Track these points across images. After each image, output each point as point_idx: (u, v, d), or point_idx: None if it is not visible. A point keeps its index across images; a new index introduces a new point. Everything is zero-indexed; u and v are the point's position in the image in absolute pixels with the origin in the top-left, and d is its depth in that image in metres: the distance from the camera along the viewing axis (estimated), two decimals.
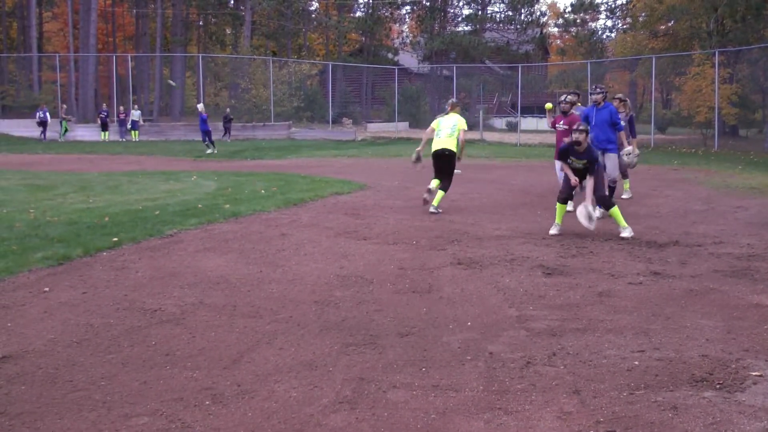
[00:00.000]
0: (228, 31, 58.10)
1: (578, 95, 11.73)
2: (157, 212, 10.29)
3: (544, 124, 12.39)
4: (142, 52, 50.63)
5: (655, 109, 34.34)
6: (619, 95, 12.32)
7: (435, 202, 10.73)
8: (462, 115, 11.75)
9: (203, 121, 26.99)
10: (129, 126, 33.97)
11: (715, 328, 5.17)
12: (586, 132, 8.91)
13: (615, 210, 8.96)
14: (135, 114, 34.38)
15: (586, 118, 10.68)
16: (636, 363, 4.45)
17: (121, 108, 34.83)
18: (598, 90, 10.91)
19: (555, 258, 7.60)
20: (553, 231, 9.03)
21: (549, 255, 7.75)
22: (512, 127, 43.06)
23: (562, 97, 11.21)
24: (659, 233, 9.14)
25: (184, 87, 48.12)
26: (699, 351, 4.67)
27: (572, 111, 11.08)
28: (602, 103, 10.82)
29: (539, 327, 5.20)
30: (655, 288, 6.35)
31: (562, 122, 11.00)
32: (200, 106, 28.26)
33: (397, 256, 7.73)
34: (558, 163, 10.70)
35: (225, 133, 33.08)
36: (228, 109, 34.80)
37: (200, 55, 43.09)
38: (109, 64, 42.61)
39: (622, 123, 11.11)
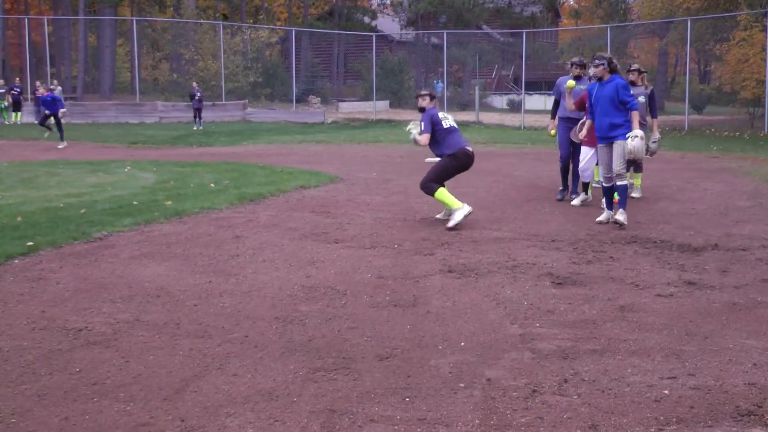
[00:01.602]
0: None
1: (641, 72, 11.74)
2: (82, 211, 10.24)
3: (553, 102, 12.09)
4: (61, 15, 50.25)
5: (691, 84, 34.52)
6: (636, 66, 12.19)
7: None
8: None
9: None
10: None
11: (765, 350, 5.21)
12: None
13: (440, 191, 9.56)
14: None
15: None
16: (666, 392, 4.47)
17: (38, 83, 34.60)
18: (597, 61, 9.94)
19: (567, 264, 7.64)
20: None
21: (559, 261, 7.79)
22: (515, 107, 43.24)
23: (591, 63, 10.28)
24: (694, 235, 9.21)
25: (114, 57, 47.89)
26: (744, 378, 4.70)
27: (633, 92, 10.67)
28: (606, 77, 10.29)
29: (547, 348, 5.23)
30: (690, 301, 6.40)
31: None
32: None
33: (375, 262, 7.74)
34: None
35: (196, 117, 31.76)
36: (195, 84, 33.50)
37: (134, 18, 42.94)
38: (20, 29, 42.35)
39: (640, 99, 11.07)
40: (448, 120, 10.15)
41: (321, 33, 49.81)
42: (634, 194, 12.06)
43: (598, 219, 9.89)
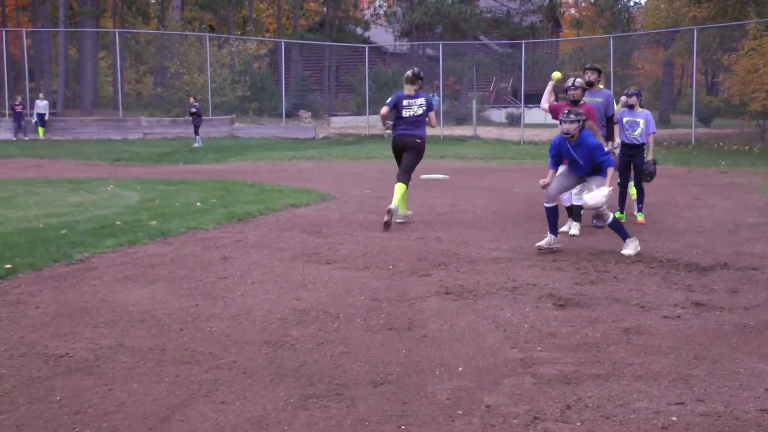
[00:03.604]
0: (152, 0, 58.06)
1: (598, 71, 11.24)
2: (63, 231, 10.23)
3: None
4: (41, 27, 50.35)
5: (697, 96, 34.59)
6: (590, 65, 11.91)
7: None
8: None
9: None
10: (35, 120, 33.72)
11: None
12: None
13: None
14: (41, 105, 34.18)
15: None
16: (674, 419, 4.48)
17: (18, 98, 34.64)
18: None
19: (569, 285, 7.66)
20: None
21: (561, 282, 7.80)
22: (514, 120, 43.34)
23: (570, 82, 10.50)
24: (702, 253, 9.24)
25: (96, 71, 47.93)
26: (756, 404, 4.70)
27: (585, 99, 10.75)
28: (576, 136, 10.41)
29: (549, 373, 5.23)
30: (698, 323, 6.41)
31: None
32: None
33: (369, 284, 7.75)
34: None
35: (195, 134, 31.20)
36: (192, 99, 32.80)
37: (117, 30, 43.08)
38: None
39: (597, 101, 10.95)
40: (411, 109, 11.32)
41: (312, 45, 49.92)
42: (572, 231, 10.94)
43: (538, 244, 9.47)
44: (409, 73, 11.67)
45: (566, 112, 9.27)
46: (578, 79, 10.43)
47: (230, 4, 54.82)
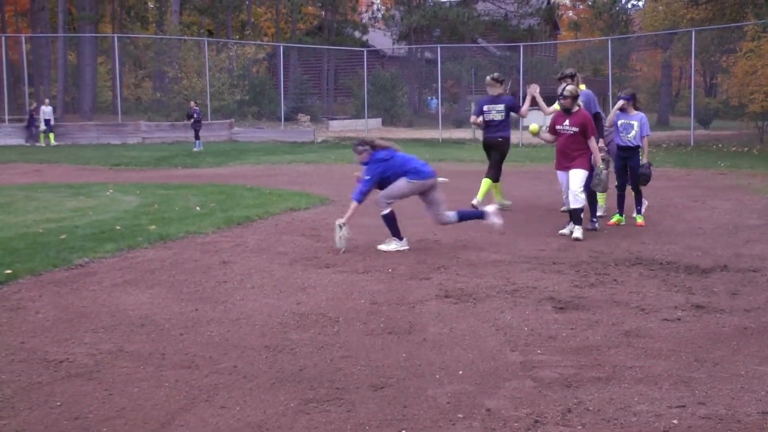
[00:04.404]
0: (151, 5, 58.09)
1: (572, 77, 11.43)
2: (62, 236, 10.23)
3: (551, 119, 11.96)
4: (40, 32, 50.36)
5: (696, 98, 34.57)
6: (569, 71, 12.13)
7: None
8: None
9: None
10: (43, 127, 33.71)
11: None
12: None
13: None
14: (46, 111, 34.16)
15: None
16: (675, 422, 4.48)
17: (33, 103, 34.70)
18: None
19: (569, 288, 7.65)
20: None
21: (561, 284, 7.80)
22: (513, 123, 43.24)
23: (560, 90, 10.65)
24: (702, 255, 9.23)
25: (95, 76, 47.93)
26: (758, 407, 4.70)
27: (578, 105, 10.73)
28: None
29: (550, 376, 5.23)
30: (698, 325, 6.41)
31: (566, 122, 10.56)
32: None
33: (368, 287, 7.74)
34: (561, 174, 10.80)
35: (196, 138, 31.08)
36: (192, 103, 32.73)
37: (115, 35, 43.08)
38: None
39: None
40: (490, 114, 12.78)
41: (310, 48, 49.89)
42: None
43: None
44: (488, 78, 12.86)
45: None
46: (568, 87, 10.56)
47: (228, 8, 54.86)
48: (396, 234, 9.77)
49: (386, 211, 9.75)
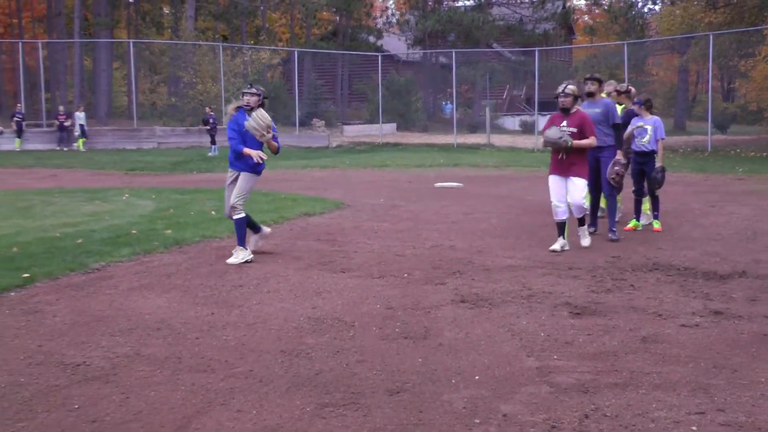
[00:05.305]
0: (166, 11, 58.24)
1: (599, 82, 11.25)
2: (79, 241, 10.27)
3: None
4: (56, 38, 50.62)
5: (713, 103, 34.39)
6: (621, 85, 12.27)
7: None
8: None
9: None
10: (78, 132, 33.88)
11: None
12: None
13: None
14: (80, 117, 34.37)
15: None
16: (694, 429, 4.46)
17: (61, 108, 34.88)
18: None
19: (585, 293, 7.64)
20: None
21: (577, 290, 7.78)
22: (528, 128, 43.28)
23: (560, 89, 10.09)
24: (720, 261, 9.19)
25: (111, 81, 48.10)
26: None
27: (586, 110, 10.45)
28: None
29: (566, 382, 5.22)
30: (717, 332, 6.38)
31: (565, 123, 10.03)
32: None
33: (384, 292, 7.74)
34: (556, 179, 10.39)
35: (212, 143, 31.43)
36: (208, 109, 33.19)
37: (131, 41, 43.11)
38: (13, 53, 42.62)
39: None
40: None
41: (324, 53, 49.98)
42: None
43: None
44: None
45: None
46: (569, 86, 10.05)
47: (243, 14, 55.00)
48: None
49: None
